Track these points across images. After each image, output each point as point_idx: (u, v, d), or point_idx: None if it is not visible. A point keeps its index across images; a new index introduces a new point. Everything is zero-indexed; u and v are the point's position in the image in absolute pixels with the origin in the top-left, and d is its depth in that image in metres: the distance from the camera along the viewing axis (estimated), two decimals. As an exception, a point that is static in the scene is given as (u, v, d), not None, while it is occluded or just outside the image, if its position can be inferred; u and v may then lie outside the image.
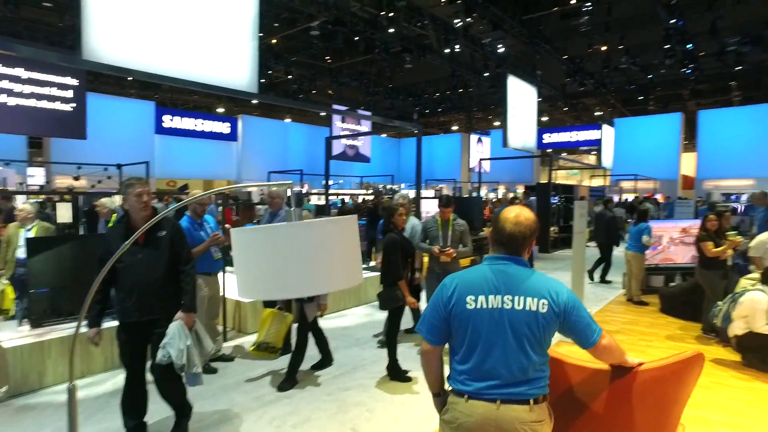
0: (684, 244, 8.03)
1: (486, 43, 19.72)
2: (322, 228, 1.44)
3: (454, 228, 5.15)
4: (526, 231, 1.79)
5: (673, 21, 16.28)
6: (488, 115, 31.41)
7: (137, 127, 19.66)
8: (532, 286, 1.74)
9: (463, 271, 1.86)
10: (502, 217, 1.84)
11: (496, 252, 1.85)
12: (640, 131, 26.20)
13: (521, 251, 1.82)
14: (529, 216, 1.82)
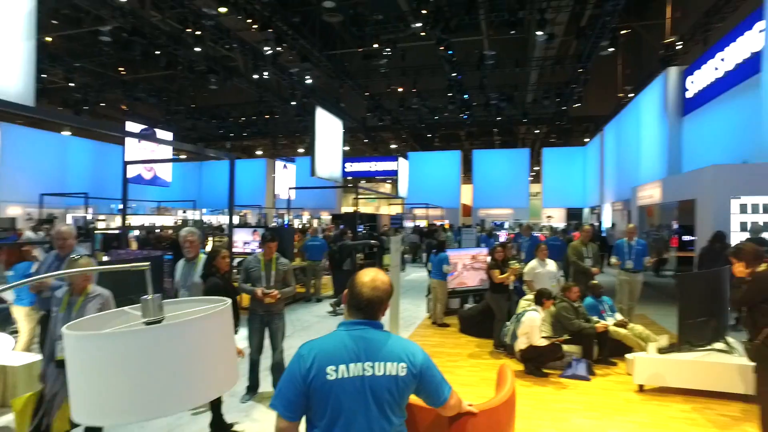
0: (474, 270, 9.28)
1: (294, 73, 20.10)
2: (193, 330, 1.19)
3: (278, 267, 4.91)
4: (383, 295, 1.80)
5: (454, 75, 19.01)
6: (293, 142, 31.85)
7: None
8: (391, 350, 1.75)
9: (320, 339, 1.78)
10: (359, 281, 1.82)
11: (352, 317, 1.82)
12: (428, 164, 29.49)
13: (378, 315, 1.82)
14: (384, 279, 1.84)
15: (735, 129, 12.29)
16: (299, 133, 27.97)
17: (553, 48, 19.64)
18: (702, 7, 15.22)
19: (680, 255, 12.77)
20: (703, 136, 14.11)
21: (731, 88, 12.44)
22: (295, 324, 8.24)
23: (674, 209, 13.57)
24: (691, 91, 14.70)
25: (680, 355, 5.09)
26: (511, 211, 27.63)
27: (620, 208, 19.34)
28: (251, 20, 14.28)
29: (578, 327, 5.93)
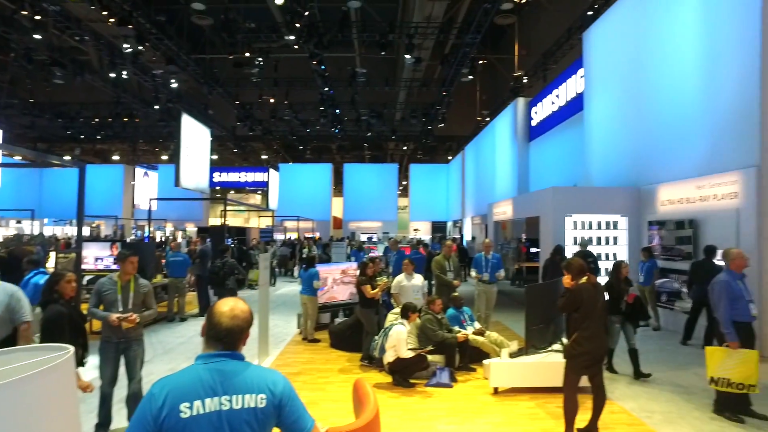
0: (344, 284, 9.42)
1: (158, 75, 18.73)
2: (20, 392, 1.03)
3: (137, 290, 4.46)
4: (243, 324, 1.76)
5: (326, 89, 19.26)
6: (156, 148, 29.50)
7: None
8: (251, 381, 1.69)
9: (174, 376, 1.67)
10: (217, 311, 1.75)
11: (211, 348, 1.73)
12: (300, 176, 29.34)
13: (238, 345, 1.77)
14: (244, 308, 1.80)
15: (568, 156, 14.21)
16: (162, 139, 26.02)
17: (420, 71, 20.91)
18: (541, 48, 17.42)
19: (528, 266, 14.34)
20: (545, 160, 16.08)
21: (564, 121, 14.43)
22: (156, 347, 7.62)
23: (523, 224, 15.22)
24: (535, 120, 16.70)
25: (527, 358, 5.71)
26: (380, 224, 28.59)
27: (479, 222, 21.11)
28: (108, 13, 13.00)
29: (441, 337, 6.33)
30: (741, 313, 4.70)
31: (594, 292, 4.12)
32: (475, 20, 14.09)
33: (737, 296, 4.71)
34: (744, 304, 4.73)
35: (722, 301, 4.69)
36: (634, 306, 6.04)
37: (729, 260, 4.93)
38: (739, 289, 4.75)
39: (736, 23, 7.48)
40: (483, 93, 24.68)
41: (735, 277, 4.81)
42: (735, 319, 4.66)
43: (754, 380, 4.47)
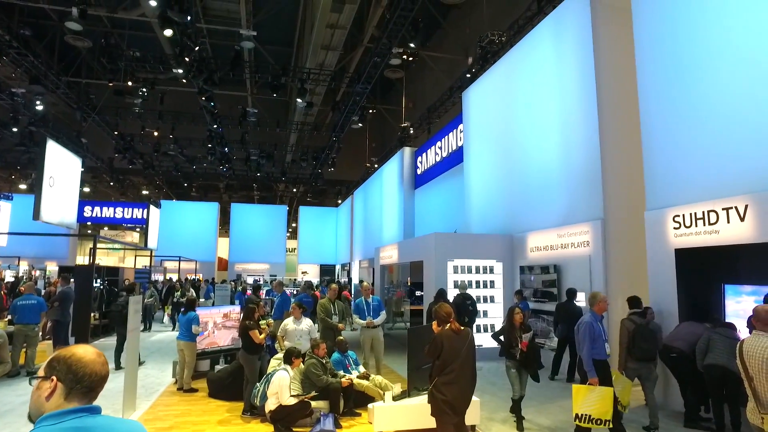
0: (225, 328, 8.96)
1: (18, 94, 16.90)
2: None
3: None
4: (108, 369, 1.61)
5: (215, 126, 18.79)
6: (12, 175, 26.14)
7: None
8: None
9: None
10: (84, 359, 1.55)
11: (72, 403, 1.50)
12: (184, 215, 27.76)
13: (99, 390, 1.59)
14: (100, 354, 1.62)
15: (450, 204, 15.22)
16: (21, 166, 23.18)
17: (312, 115, 21.31)
18: (426, 102, 18.77)
19: (413, 308, 14.78)
20: (429, 207, 17.01)
21: (446, 171, 15.51)
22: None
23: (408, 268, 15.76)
24: (420, 169, 17.70)
25: (410, 400, 5.83)
26: (268, 266, 27.81)
27: (366, 265, 21.44)
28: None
29: (326, 382, 6.25)
30: (599, 351, 5.21)
31: (456, 339, 4.16)
32: (365, 71, 14.82)
33: (597, 336, 5.20)
34: (601, 343, 5.26)
35: (586, 341, 5.14)
36: (528, 354, 5.90)
37: (596, 302, 5.39)
38: (599, 330, 5.26)
39: (579, 91, 8.79)
40: (372, 140, 25.69)
41: (596, 319, 5.32)
42: (594, 357, 5.14)
43: (609, 415, 4.92)
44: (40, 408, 1.49)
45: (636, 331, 5.96)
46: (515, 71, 11.31)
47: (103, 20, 15.59)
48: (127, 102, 17.90)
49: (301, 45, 18.34)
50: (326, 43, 15.46)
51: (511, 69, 11.53)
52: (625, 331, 6.12)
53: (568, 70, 9.25)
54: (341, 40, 15.49)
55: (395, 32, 12.61)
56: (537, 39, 10.45)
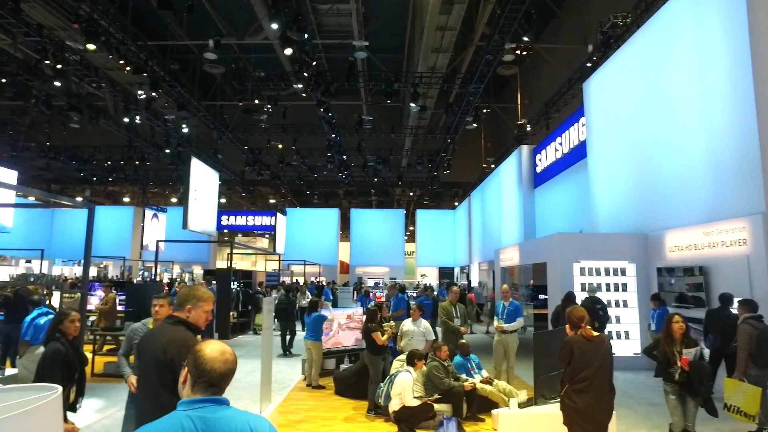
0: (349, 329, 9.28)
1: (169, 120, 19.26)
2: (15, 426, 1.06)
3: None
4: (233, 367, 1.71)
5: (333, 135, 19.68)
6: (165, 191, 29.95)
7: None
8: (235, 428, 1.60)
9: (154, 424, 1.59)
10: (208, 356, 1.67)
11: (198, 394, 1.64)
12: (307, 221, 29.49)
13: (224, 389, 1.69)
14: (230, 350, 1.74)
15: (573, 202, 14.26)
16: (172, 181, 26.44)
17: (426, 119, 21.41)
18: (543, 98, 17.85)
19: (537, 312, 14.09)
20: (550, 206, 16.13)
21: (568, 168, 14.57)
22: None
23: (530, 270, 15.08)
24: (539, 167, 16.87)
25: (536, 408, 5.53)
26: (387, 270, 28.44)
27: (486, 268, 20.96)
28: (124, 61, 13.51)
29: (448, 386, 6.17)
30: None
31: (588, 346, 3.86)
32: (477, 71, 14.52)
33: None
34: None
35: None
36: (691, 374, 4.57)
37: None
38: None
39: (729, 68, 7.66)
40: (488, 140, 25.11)
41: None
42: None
43: (754, 411, 4.87)
44: (180, 393, 1.70)
45: (761, 336, 5.29)
46: (644, 54, 10.28)
47: (233, 48, 17.18)
48: (254, 119, 19.53)
49: (411, 50, 18.55)
50: (436, 45, 15.45)
51: (638, 52, 10.51)
52: (747, 336, 5.35)
53: (713, 46, 8.16)
54: (451, 42, 15.38)
55: (507, 28, 12.19)
56: (671, 14, 9.40)
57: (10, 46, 14.20)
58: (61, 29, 13.84)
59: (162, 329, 2.75)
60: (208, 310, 2.81)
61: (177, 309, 2.79)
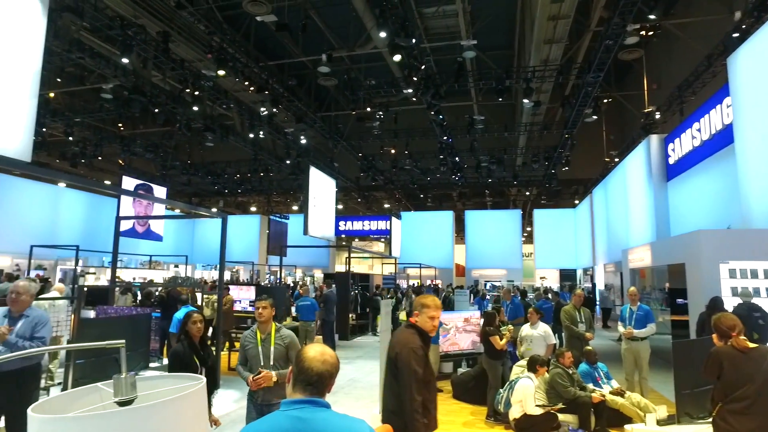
0: (466, 332, 9.10)
1: (289, 133, 20.59)
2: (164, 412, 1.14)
3: (277, 343, 3.92)
4: (332, 369, 1.72)
5: (445, 138, 19.55)
6: (287, 199, 32.11)
7: None
8: (332, 429, 1.60)
9: (254, 424, 1.64)
10: (307, 356, 1.71)
11: (298, 394, 1.67)
12: (421, 224, 29.67)
13: (325, 391, 1.70)
14: (332, 353, 1.76)
15: (717, 195, 12.58)
16: (293, 190, 28.28)
17: (540, 114, 20.38)
18: (674, 81, 16.02)
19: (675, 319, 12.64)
20: (688, 201, 14.41)
21: (709, 156, 12.85)
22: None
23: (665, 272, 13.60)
24: (673, 158, 15.16)
25: (680, 428, 4.91)
26: (504, 272, 27.56)
27: (612, 269, 19.36)
28: (249, 82, 14.76)
29: (573, 394, 5.75)
30: None
31: (743, 359, 3.34)
32: (596, 59, 13.49)
33: None
34: None
35: None
36: None
37: None
38: None
39: None
40: (610, 132, 23.23)
41: None
42: None
43: None
44: (286, 391, 1.76)
45: None
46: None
47: (344, 60, 17.90)
48: (367, 126, 20.14)
49: (522, 45, 17.81)
50: (549, 37, 14.64)
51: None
52: None
53: None
54: (565, 31, 14.47)
55: (629, 8, 11.15)
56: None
57: (161, 80, 16.21)
58: (198, 60, 15.49)
59: (397, 331, 3.16)
60: (433, 315, 2.98)
61: (411, 315, 3.08)
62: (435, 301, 3.05)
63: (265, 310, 3.97)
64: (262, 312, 3.97)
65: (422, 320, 2.97)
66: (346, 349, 12.11)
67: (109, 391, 1.29)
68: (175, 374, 1.43)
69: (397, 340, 2.98)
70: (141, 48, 12.87)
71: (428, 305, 3.00)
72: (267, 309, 3.99)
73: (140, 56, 13.73)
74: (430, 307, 3.00)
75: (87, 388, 1.35)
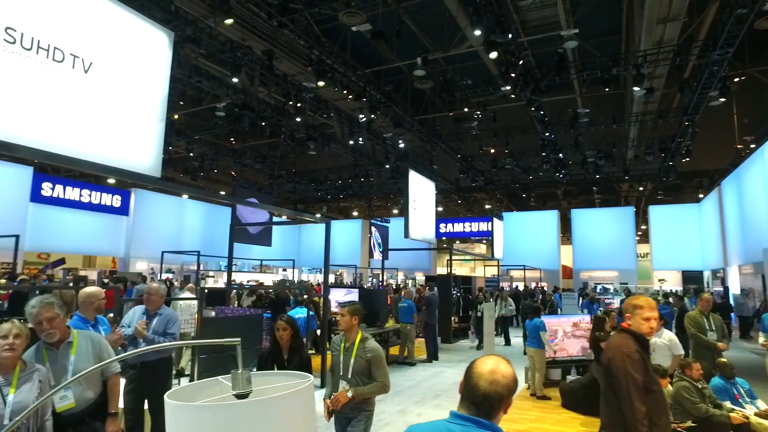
0: (575, 337, 8.60)
1: (387, 138, 20.96)
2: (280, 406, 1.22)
3: (358, 354, 3.57)
4: (502, 391, 1.55)
5: (547, 134, 18.67)
6: (387, 203, 32.70)
7: (8, 194, 17.29)
8: None
9: (420, 426, 1.61)
10: (476, 371, 1.59)
11: (464, 409, 1.58)
12: (524, 225, 28.65)
13: (495, 414, 1.55)
14: (506, 371, 1.59)
15: None
16: (393, 194, 28.74)
17: (654, 102, 18.72)
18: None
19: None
20: None
21: None
22: (386, 388, 8.14)
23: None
24: (826, 140, 13.10)
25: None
26: (616, 274, 25.68)
27: (750, 271, 17.18)
28: (347, 91, 15.29)
29: (705, 412, 5.16)
30: None
31: None
32: (724, 33, 12.06)
33: None
34: None
35: None
36: None
37: None
38: None
39: None
40: (742, 115, 20.64)
41: None
42: None
43: None
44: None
45: None
46: None
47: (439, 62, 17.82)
48: (465, 127, 19.88)
49: (630, 28, 16.45)
50: (662, 15, 13.38)
51: None
52: None
53: None
54: (683, 6, 13.11)
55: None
56: None
57: (267, 95, 17.38)
58: (299, 74, 16.35)
59: (611, 336, 3.25)
60: (648, 317, 2.84)
61: (623, 318, 3.03)
62: (648, 302, 2.88)
63: (342, 318, 3.67)
64: (340, 320, 3.72)
65: (636, 323, 2.83)
66: (449, 353, 12.00)
67: (228, 384, 1.39)
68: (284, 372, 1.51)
69: (609, 344, 2.92)
70: (248, 67, 13.89)
71: (641, 306, 2.85)
72: (345, 317, 3.65)
73: (248, 75, 14.82)
74: (644, 307, 2.84)
75: (209, 380, 1.48)
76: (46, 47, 5.37)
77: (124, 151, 6.33)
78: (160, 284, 4.96)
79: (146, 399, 4.47)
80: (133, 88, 6.48)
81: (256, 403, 1.21)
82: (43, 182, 18.82)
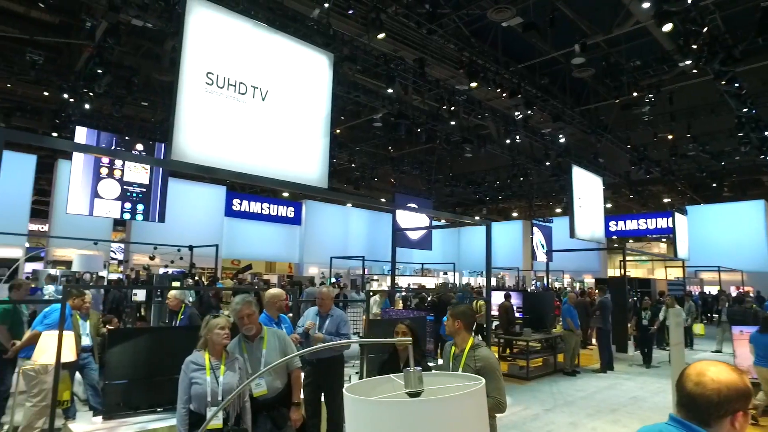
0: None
1: (546, 134, 19.93)
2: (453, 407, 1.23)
3: (467, 363, 3.22)
4: (711, 395, 1.41)
5: (745, 110, 15.87)
6: (549, 202, 31.03)
7: (209, 210, 20.84)
8: None
9: (645, 428, 1.59)
10: (686, 371, 1.52)
11: (676, 410, 1.54)
12: (716, 219, 24.79)
13: (710, 420, 1.42)
14: (718, 375, 1.44)
15: None
16: (555, 193, 27.19)
17: None
18: None
19: None
20: None
21: None
22: (557, 398, 7.66)
23: None
24: None
25: None
26: None
27: None
28: (500, 89, 14.88)
29: None
30: None
31: None
32: None
33: None
34: None
35: None
36: None
37: None
38: None
39: None
40: None
41: None
42: None
43: None
44: None
45: None
46: None
47: (600, 45, 16.35)
48: (634, 113, 17.88)
49: None
50: None
51: None
52: None
53: None
54: None
55: None
56: None
57: (420, 102, 17.83)
58: (450, 77, 16.39)
59: None
60: None
61: None
62: None
63: (446, 322, 3.40)
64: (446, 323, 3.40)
65: None
66: (623, 362, 10.88)
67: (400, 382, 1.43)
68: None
69: None
70: (401, 77, 14.41)
71: None
72: (448, 320, 3.35)
73: (402, 84, 15.36)
74: None
75: (382, 378, 1.53)
76: (234, 83, 6.23)
77: (296, 166, 7.02)
78: (329, 288, 5.33)
79: (322, 392, 4.84)
80: (301, 109, 7.15)
81: (432, 402, 1.22)
82: (233, 199, 22.07)
